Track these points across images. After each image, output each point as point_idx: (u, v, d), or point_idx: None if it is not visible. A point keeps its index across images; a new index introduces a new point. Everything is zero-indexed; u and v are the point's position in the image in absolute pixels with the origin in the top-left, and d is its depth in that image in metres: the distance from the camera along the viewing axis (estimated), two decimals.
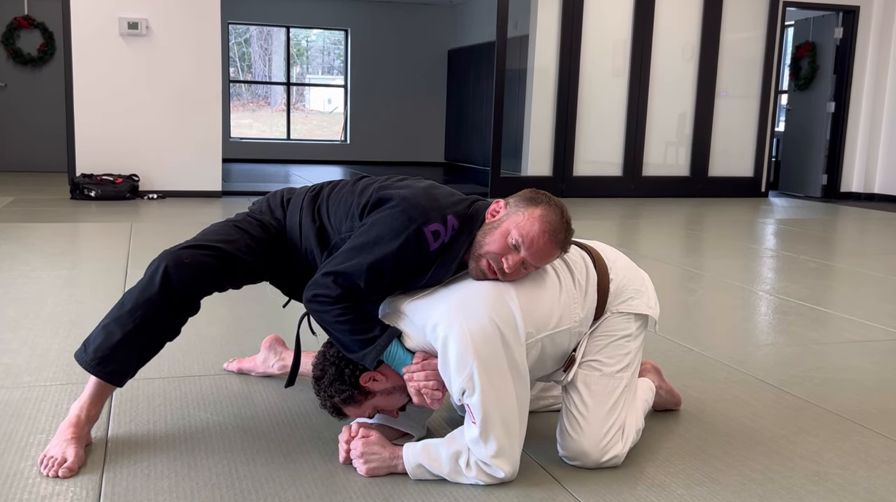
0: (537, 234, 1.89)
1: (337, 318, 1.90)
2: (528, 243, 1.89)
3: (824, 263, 5.21)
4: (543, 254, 1.91)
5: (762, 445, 2.21)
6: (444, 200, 1.97)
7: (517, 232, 1.89)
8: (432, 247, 1.92)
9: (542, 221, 1.90)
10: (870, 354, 3.15)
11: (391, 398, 1.96)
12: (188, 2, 7.51)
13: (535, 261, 1.91)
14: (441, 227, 1.92)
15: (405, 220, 1.90)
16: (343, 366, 1.92)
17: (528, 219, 1.90)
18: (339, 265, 1.92)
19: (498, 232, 1.92)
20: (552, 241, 1.90)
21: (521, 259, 1.90)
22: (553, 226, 1.91)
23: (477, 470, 1.87)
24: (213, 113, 7.71)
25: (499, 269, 1.91)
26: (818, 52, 9.73)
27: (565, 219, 1.94)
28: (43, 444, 2.07)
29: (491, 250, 1.91)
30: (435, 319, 1.86)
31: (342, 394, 1.93)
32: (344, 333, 1.91)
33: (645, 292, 2.12)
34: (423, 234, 1.90)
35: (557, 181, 8.81)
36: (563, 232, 1.93)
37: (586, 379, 2.02)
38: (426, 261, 1.94)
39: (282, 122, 13.83)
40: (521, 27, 8.94)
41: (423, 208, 1.92)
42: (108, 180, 7.31)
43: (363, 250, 1.91)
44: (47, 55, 9.56)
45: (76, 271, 4.25)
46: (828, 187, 9.75)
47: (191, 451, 2.05)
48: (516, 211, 1.93)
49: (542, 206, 1.93)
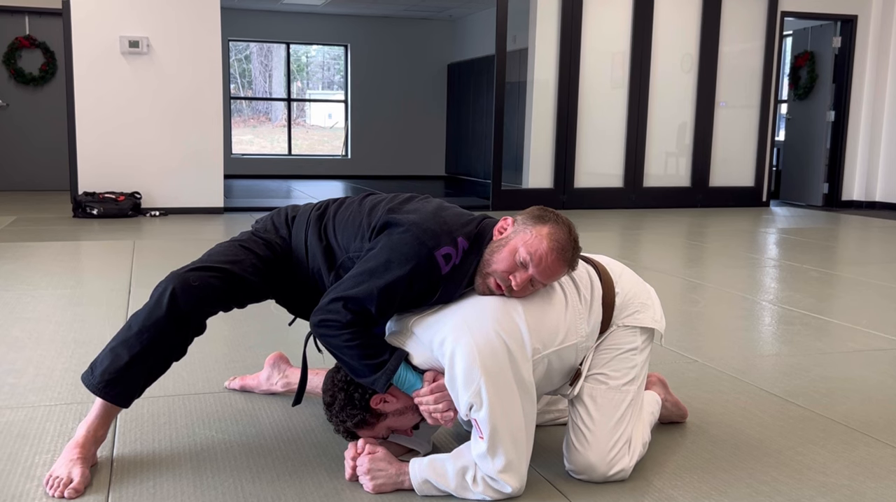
0: (546, 252, 1.89)
1: (346, 343, 1.89)
2: (536, 261, 1.89)
3: (827, 272, 5.21)
4: (551, 272, 1.91)
5: (769, 456, 2.20)
6: (453, 222, 1.97)
7: (525, 250, 1.90)
8: (444, 270, 1.92)
9: (551, 239, 1.90)
10: (874, 363, 3.14)
11: (403, 418, 1.96)
12: (189, 20, 7.55)
13: (543, 279, 1.91)
14: (452, 250, 1.92)
15: (416, 246, 1.90)
16: (352, 390, 1.92)
17: (537, 238, 1.90)
18: (349, 290, 1.90)
19: (506, 250, 1.92)
20: (560, 259, 1.91)
21: (528, 277, 1.90)
22: (561, 243, 1.91)
23: (484, 485, 1.86)
24: (214, 129, 7.74)
25: (506, 288, 1.91)
26: (817, 61, 9.76)
27: (573, 237, 1.94)
28: (48, 464, 2.07)
29: (499, 268, 1.91)
30: (442, 335, 1.86)
31: (354, 419, 1.93)
32: (354, 358, 1.90)
33: (651, 306, 2.12)
34: (435, 259, 1.90)
35: (558, 193, 8.82)
36: (571, 250, 1.93)
37: (592, 393, 2.01)
38: (437, 284, 1.93)
39: (283, 138, 13.86)
40: (520, 41, 8.97)
41: (433, 232, 1.92)
42: (110, 198, 7.32)
43: (374, 275, 1.89)
44: (49, 74, 9.60)
45: (79, 290, 4.25)
46: (829, 196, 9.76)
47: (196, 470, 2.05)
48: (524, 229, 1.93)
49: (550, 224, 1.93)
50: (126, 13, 7.39)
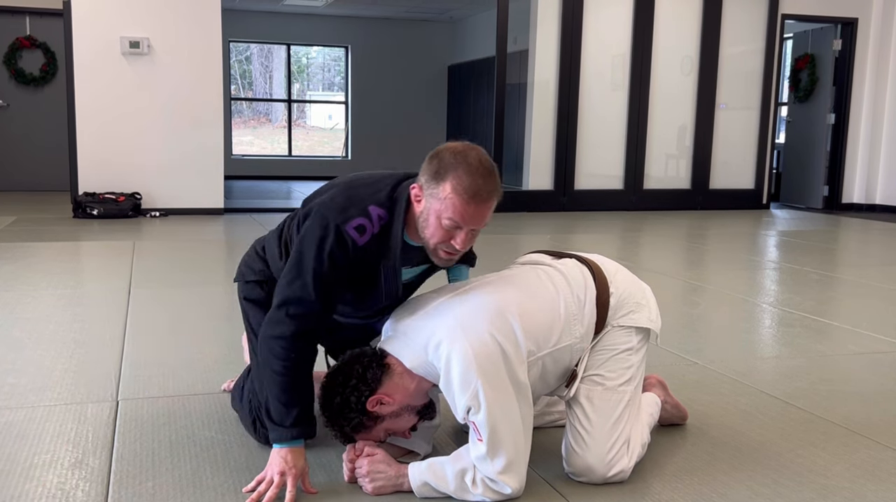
0: (464, 208, 1.84)
1: (276, 373, 1.93)
2: (460, 219, 1.86)
3: (827, 275, 5.21)
4: (482, 215, 1.88)
5: (770, 459, 2.20)
6: (363, 193, 1.95)
7: (445, 216, 1.86)
8: (360, 242, 1.91)
9: (462, 195, 1.83)
10: (875, 366, 3.14)
11: (400, 419, 1.95)
12: (189, 21, 7.55)
13: (479, 225, 1.90)
14: (365, 221, 1.91)
15: (324, 225, 1.91)
16: (348, 393, 1.90)
17: (448, 199, 1.84)
18: (285, 293, 1.93)
19: (431, 221, 1.89)
20: (481, 202, 1.85)
21: (466, 232, 1.88)
22: (472, 189, 1.83)
23: (483, 487, 1.86)
24: (214, 130, 7.74)
25: (453, 252, 1.91)
26: (817, 63, 9.76)
27: (481, 170, 1.84)
28: (47, 465, 2.06)
29: (436, 240, 1.90)
30: (437, 338, 1.85)
31: (351, 422, 1.92)
32: (272, 389, 1.93)
33: (646, 305, 2.11)
34: (345, 233, 1.90)
35: (559, 195, 8.82)
36: (485, 182, 1.84)
37: (589, 394, 2.01)
38: (365, 256, 1.94)
39: (283, 139, 13.86)
40: (520, 42, 8.97)
41: (340, 207, 1.92)
42: (110, 198, 7.32)
43: (300, 269, 1.92)
44: (49, 75, 9.60)
45: (79, 290, 4.25)
46: (829, 198, 9.76)
47: (196, 470, 2.04)
48: (432, 194, 1.87)
49: (450, 177, 1.84)
50: (127, 14, 7.39)
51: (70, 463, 2.08)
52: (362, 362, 1.92)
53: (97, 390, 2.65)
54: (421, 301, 2.03)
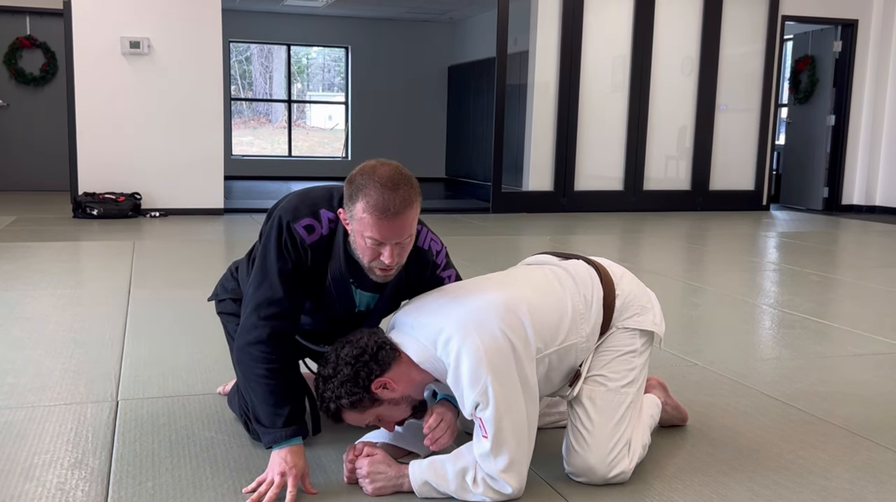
0: (377, 224, 1.84)
1: (260, 378, 1.94)
2: (378, 236, 1.86)
3: (827, 276, 5.20)
4: (400, 229, 1.87)
5: (770, 460, 2.20)
6: (315, 196, 2.03)
7: (365, 234, 1.87)
8: (308, 240, 1.97)
9: (373, 214, 1.83)
10: (875, 367, 3.14)
11: (397, 409, 1.93)
12: (190, 21, 7.55)
13: (400, 238, 1.88)
14: (313, 222, 1.98)
15: (277, 225, 1.99)
16: (360, 367, 1.86)
17: (364, 220, 1.85)
18: (255, 297, 1.98)
19: (357, 242, 1.92)
20: (393, 217, 1.84)
21: (391, 248, 1.88)
22: (382, 205, 1.82)
23: (484, 486, 1.86)
24: (214, 130, 7.73)
25: (387, 267, 1.92)
26: (817, 65, 9.76)
27: (390, 185, 1.83)
28: (47, 465, 2.06)
29: (367, 258, 1.92)
30: (447, 334, 1.85)
31: (352, 397, 1.87)
32: (260, 396, 1.95)
33: (651, 309, 2.12)
34: (295, 230, 1.97)
35: (559, 196, 8.82)
36: (394, 196, 1.83)
37: (591, 395, 2.01)
38: (316, 257, 1.99)
39: (283, 140, 13.86)
40: (520, 43, 8.97)
41: (292, 208, 2.00)
42: (110, 198, 7.32)
43: (265, 270, 1.99)
44: (49, 75, 9.60)
45: (79, 290, 4.25)
46: (829, 200, 9.75)
47: (196, 470, 2.04)
48: (351, 215, 1.89)
49: (361, 198, 1.84)
50: (127, 14, 7.38)
51: (70, 463, 2.08)
52: (377, 341, 1.90)
53: (97, 390, 2.65)
54: (428, 298, 2.03)
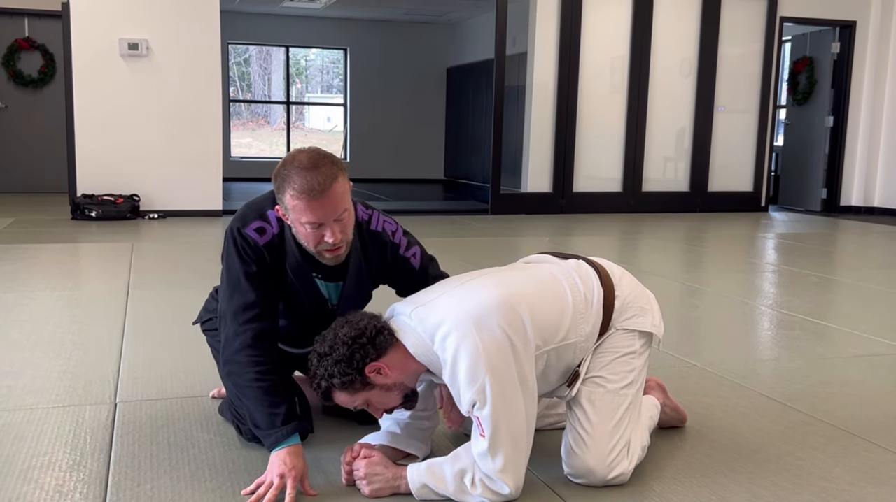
0: (307, 206, 1.92)
1: (251, 383, 1.97)
2: (315, 217, 1.92)
3: (826, 277, 5.21)
4: (331, 205, 1.93)
5: (769, 462, 2.19)
6: (261, 200, 2.11)
7: (302, 220, 1.94)
8: (261, 241, 2.05)
9: (301, 198, 1.91)
10: (874, 368, 3.14)
11: (388, 395, 1.91)
12: (188, 22, 7.55)
13: (336, 213, 1.94)
14: (263, 223, 2.06)
15: (230, 235, 2.07)
16: (356, 349, 1.84)
17: (296, 206, 1.93)
18: (230, 307, 2.03)
19: (298, 230, 1.99)
20: (320, 195, 1.91)
21: (331, 226, 1.94)
22: (306, 187, 1.90)
23: (482, 487, 1.85)
24: (213, 132, 7.73)
25: (334, 247, 1.97)
26: (816, 66, 9.77)
27: (309, 167, 1.91)
28: (45, 467, 2.06)
29: (312, 244, 1.98)
30: (445, 329, 1.84)
31: (344, 377, 1.85)
32: (254, 400, 1.97)
33: (650, 310, 2.11)
34: (247, 234, 2.05)
35: (557, 197, 8.82)
36: (316, 175, 1.90)
37: (590, 396, 2.01)
38: (273, 257, 2.05)
39: (281, 141, 13.86)
40: (519, 44, 8.97)
41: (241, 216, 2.09)
42: (108, 200, 7.31)
43: (232, 279, 2.06)
44: (48, 76, 9.60)
45: (77, 292, 4.25)
46: (827, 201, 9.76)
47: (194, 472, 2.04)
48: (284, 206, 1.97)
49: (287, 188, 1.93)
50: (125, 15, 7.38)
51: (68, 465, 2.08)
52: (376, 325, 1.89)
53: (95, 392, 2.64)
54: (427, 291, 2.02)
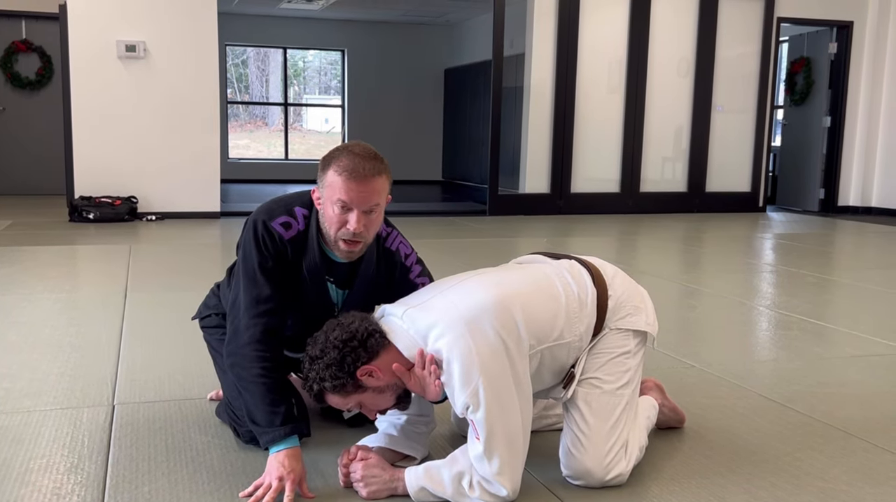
0: (345, 185, 1.94)
1: (256, 378, 1.97)
2: (346, 197, 1.94)
3: (824, 278, 5.21)
4: (367, 193, 1.96)
5: (768, 462, 2.19)
6: (288, 198, 2.13)
7: (333, 198, 1.96)
8: (286, 236, 2.05)
9: (342, 174, 1.94)
10: (872, 369, 3.14)
11: (380, 397, 1.90)
12: (186, 24, 7.55)
13: (368, 204, 1.96)
14: (289, 219, 2.07)
15: (253, 227, 2.06)
16: (347, 352, 1.84)
17: (334, 183, 1.96)
18: (244, 299, 2.03)
19: (326, 211, 2.00)
20: (362, 179, 1.94)
21: (357, 214, 1.95)
22: (351, 167, 1.94)
23: (480, 489, 1.85)
24: (210, 134, 7.73)
25: (355, 237, 1.98)
26: (813, 67, 9.78)
27: (362, 155, 1.96)
28: (43, 470, 2.05)
29: (335, 227, 1.99)
30: (438, 331, 1.83)
31: (335, 381, 1.84)
32: (256, 396, 1.97)
33: (643, 308, 2.11)
34: (272, 227, 2.04)
35: (555, 198, 8.83)
36: (364, 162, 1.95)
37: (587, 397, 2.00)
38: (292, 250, 2.05)
39: (279, 143, 13.85)
40: (516, 45, 8.97)
41: (267, 209, 2.09)
42: (106, 202, 7.31)
43: (247, 271, 2.04)
44: (45, 78, 9.59)
45: (75, 294, 4.24)
46: (825, 201, 9.77)
47: (192, 475, 2.03)
48: (321, 184, 2.00)
49: (333, 164, 1.97)
50: (123, 17, 7.38)
51: (66, 467, 2.08)
52: (367, 328, 1.88)
53: (93, 394, 2.64)
54: (419, 293, 2.02)
